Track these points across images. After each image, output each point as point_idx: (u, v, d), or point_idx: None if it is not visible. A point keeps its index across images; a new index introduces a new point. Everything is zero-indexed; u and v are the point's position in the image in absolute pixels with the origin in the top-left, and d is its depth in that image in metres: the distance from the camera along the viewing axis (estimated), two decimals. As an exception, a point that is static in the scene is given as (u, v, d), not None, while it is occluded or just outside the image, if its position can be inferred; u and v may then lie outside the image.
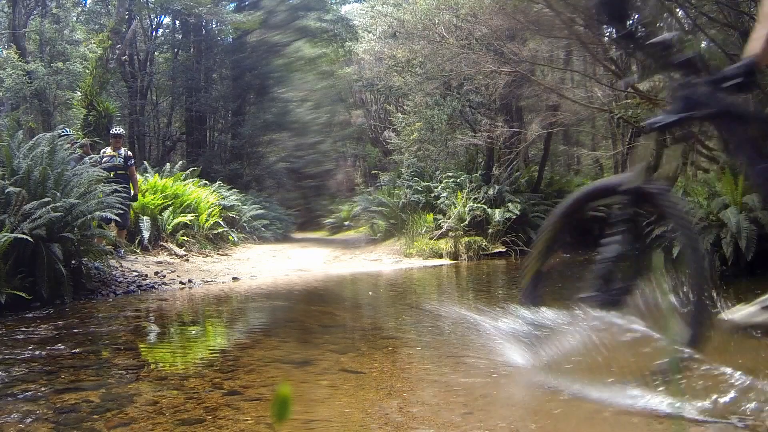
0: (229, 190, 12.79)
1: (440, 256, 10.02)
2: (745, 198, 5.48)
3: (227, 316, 4.72)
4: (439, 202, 11.10)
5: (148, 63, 17.62)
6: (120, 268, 6.46)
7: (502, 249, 10.17)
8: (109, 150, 8.11)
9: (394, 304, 5.33)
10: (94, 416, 2.08)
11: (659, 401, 1.83)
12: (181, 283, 6.51)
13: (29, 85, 11.54)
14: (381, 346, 3.26)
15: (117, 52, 12.06)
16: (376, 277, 7.67)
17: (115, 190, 5.93)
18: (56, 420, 2.05)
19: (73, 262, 5.31)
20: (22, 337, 3.61)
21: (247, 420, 2.05)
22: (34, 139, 5.43)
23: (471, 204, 10.53)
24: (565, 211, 2.25)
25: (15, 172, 4.94)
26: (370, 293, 6.27)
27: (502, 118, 11.32)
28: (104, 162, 7.69)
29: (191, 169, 11.84)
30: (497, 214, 10.23)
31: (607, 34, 7.65)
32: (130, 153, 8.40)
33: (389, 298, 5.93)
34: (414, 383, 2.51)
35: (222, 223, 10.53)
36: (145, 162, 11.51)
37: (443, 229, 10.52)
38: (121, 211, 6.30)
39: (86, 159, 6.12)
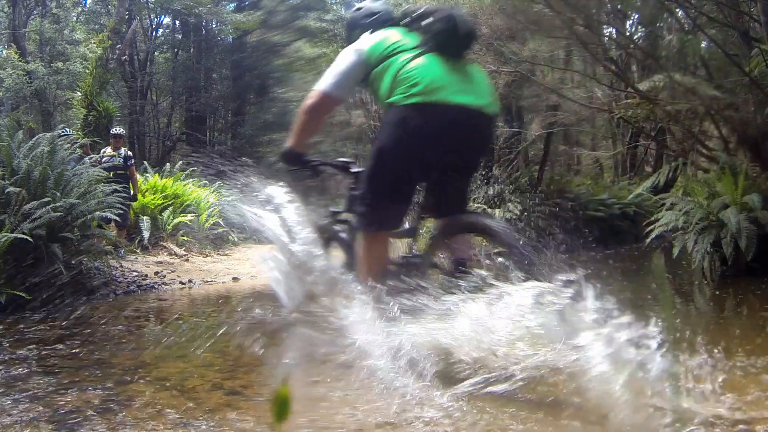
0: (229, 189, 12.76)
1: (440, 256, 10.03)
2: (745, 198, 5.48)
3: (227, 316, 4.72)
4: (439, 202, 11.12)
5: (148, 63, 17.63)
6: (120, 268, 6.45)
7: (502, 248, 10.18)
8: (109, 150, 8.11)
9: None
10: (94, 417, 2.08)
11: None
12: (181, 283, 6.51)
13: (29, 85, 11.54)
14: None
15: (117, 52, 12.06)
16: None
17: (115, 190, 5.93)
18: (56, 420, 2.05)
19: (73, 262, 5.31)
20: (21, 337, 3.61)
21: (248, 420, 2.05)
22: (34, 139, 5.42)
23: (471, 204, 10.55)
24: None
25: (15, 172, 4.94)
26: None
27: (502, 118, 11.32)
28: (104, 162, 7.69)
29: (191, 169, 11.83)
30: (497, 214, 10.24)
31: (607, 34, 7.65)
32: (130, 153, 8.40)
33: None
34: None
35: (222, 223, 10.52)
36: (145, 162, 11.51)
37: (443, 229, 10.54)
38: (121, 211, 6.30)
39: (86, 159, 6.12)
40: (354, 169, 2.98)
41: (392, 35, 2.62)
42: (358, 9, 2.95)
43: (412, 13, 2.67)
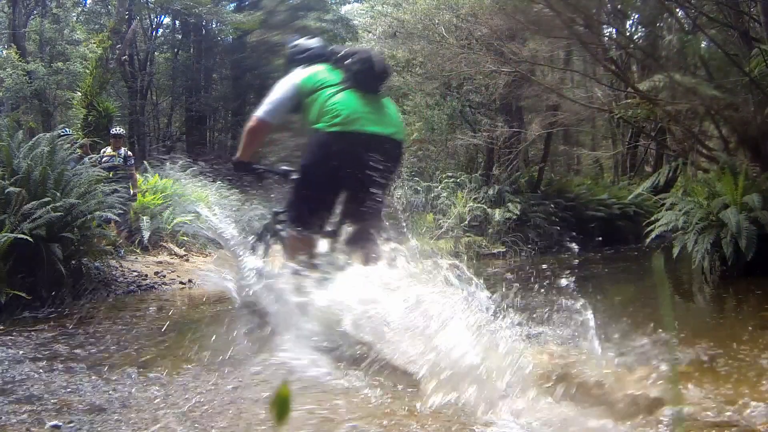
0: (229, 189, 12.72)
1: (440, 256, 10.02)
2: (745, 198, 5.47)
3: (227, 315, 4.72)
4: (439, 202, 11.10)
5: (148, 63, 17.61)
6: (120, 268, 6.45)
7: (502, 249, 10.17)
8: (109, 150, 8.11)
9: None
10: (95, 417, 2.08)
11: None
12: (181, 283, 6.50)
13: (29, 85, 11.53)
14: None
15: (117, 52, 12.04)
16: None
17: (115, 190, 5.92)
18: (55, 421, 2.05)
19: (73, 262, 5.31)
20: (21, 337, 3.61)
21: (249, 420, 2.05)
22: (34, 139, 5.42)
23: (471, 204, 10.54)
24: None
25: (15, 172, 4.94)
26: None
27: (502, 118, 11.32)
28: (104, 162, 7.68)
29: (191, 168, 11.80)
30: (497, 214, 10.23)
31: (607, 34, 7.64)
32: (130, 153, 8.39)
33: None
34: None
35: (222, 223, 10.50)
36: (145, 162, 11.49)
37: (443, 229, 10.52)
38: (121, 211, 6.29)
39: (86, 159, 6.11)
40: (294, 176, 3.26)
41: (321, 71, 3.14)
42: (295, 46, 3.44)
43: (337, 53, 3.19)
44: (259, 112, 3.14)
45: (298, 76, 3.15)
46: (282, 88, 3.15)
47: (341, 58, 3.13)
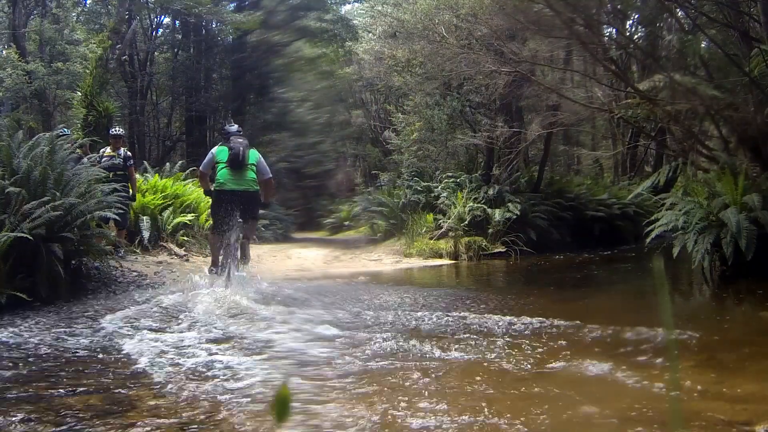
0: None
1: (440, 257, 10.02)
2: (745, 198, 5.47)
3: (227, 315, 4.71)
4: (439, 202, 11.08)
5: (148, 63, 17.61)
6: (120, 268, 6.45)
7: (502, 249, 10.15)
8: (108, 150, 8.09)
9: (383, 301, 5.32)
10: (95, 419, 2.08)
11: None
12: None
13: (29, 85, 11.52)
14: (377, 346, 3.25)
15: (117, 52, 12.03)
16: (376, 277, 7.65)
17: (115, 190, 5.92)
18: (58, 422, 2.05)
19: (73, 262, 5.30)
20: (22, 338, 3.61)
21: (249, 421, 2.05)
22: (34, 139, 5.42)
23: (471, 204, 10.52)
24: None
25: (15, 172, 4.94)
26: (363, 295, 6.25)
27: (502, 118, 11.30)
28: (103, 162, 7.67)
29: (191, 169, 11.79)
30: (497, 214, 10.22)
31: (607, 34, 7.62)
32: (129, 153, 8.38)
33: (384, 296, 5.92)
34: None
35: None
36: (145, 162, 11.49)
37: (443, 229, 10.51)
38: (120, 211, 6.30)
39: (85, 159, 6.11)
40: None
41: (223, 150, 5.73)
42: (223, 127, 6.24)
43: (230, 143, 5.71)
44: (201, 166, 5.94)
45: (215, 148, 5.86)
46: (210, 153, 5.85)
47: (228, 147, 5.66)
